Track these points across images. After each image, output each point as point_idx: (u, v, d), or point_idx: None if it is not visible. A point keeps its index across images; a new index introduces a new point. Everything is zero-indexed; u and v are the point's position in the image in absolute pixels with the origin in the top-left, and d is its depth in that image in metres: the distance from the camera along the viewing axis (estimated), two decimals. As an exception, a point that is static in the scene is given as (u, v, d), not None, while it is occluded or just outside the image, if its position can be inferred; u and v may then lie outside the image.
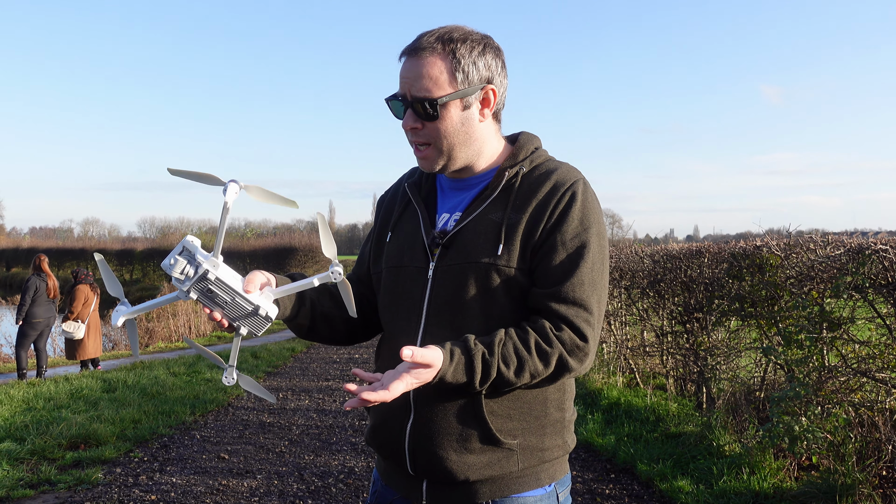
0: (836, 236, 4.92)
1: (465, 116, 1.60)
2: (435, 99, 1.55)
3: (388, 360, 1.66)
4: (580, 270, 1.54)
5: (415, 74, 1.56)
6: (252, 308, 1.42)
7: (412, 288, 1.62)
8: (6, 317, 18.91)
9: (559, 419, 1.63)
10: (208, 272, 1.36)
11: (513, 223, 1.57)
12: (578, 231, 1.56)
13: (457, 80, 1.56)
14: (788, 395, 4.34)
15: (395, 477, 1.68)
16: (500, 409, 1.55)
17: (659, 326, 7.87)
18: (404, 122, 1.59)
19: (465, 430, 1.55)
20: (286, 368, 10.98)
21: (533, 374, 1.49)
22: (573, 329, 1.51)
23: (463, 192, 1.69)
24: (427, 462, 1.57)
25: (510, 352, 1.48)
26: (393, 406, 1.58)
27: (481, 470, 1.55)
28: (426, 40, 1.57)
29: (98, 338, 11.26)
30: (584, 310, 1.53)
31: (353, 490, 5.05)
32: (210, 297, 1.40)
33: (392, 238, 1.72)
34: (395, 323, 1.66)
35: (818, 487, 4.20)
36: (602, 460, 5.65)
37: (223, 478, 5.34)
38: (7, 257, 57.01)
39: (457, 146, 1.61)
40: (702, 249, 6.82)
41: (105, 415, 7.06)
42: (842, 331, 4.54)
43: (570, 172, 1.63)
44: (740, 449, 5.09)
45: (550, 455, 1.62)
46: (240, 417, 7.42)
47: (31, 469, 5.45)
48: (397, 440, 1.61)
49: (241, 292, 1.41)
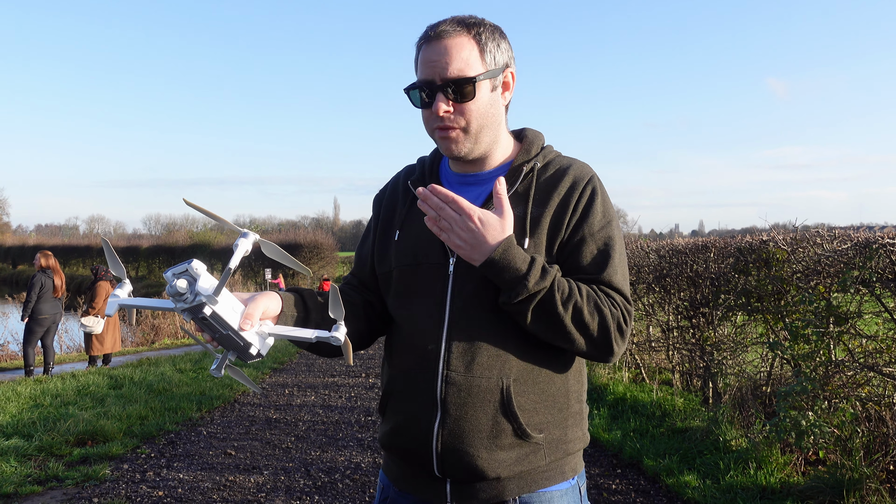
0: (842, 230, 4.91)
1: (493, 98, 1.60)
2: (472, 77, 1.54)
3: (404, 357, 1.63)
4: (613, 261, 1.57)
5: (446, 56, 1.54)
6: (243, 344, 1.39)
7: (433, 285, 1.59)
8: (13, 314, 18.99)
9: (579, 411, 1.65)
10: (204, 306, 1.31)
11: (536, 217, 1.58)
12: (603, 224, 1.59)
13: (485, 60, 1.57)
14: (795, 390, 4.33)
15: (415, 480, 1.63)
16: (527, 402, 1.55)
17: (665, 321, 7.85)
18: (435, 106, 1.55)
19: (496, 427, 1.53)
20: (292, 365, 11.00)
21: (578, 313, 1.48)
22: (619, 309, 1.55)
23: (476, 188, 1.67)
24: (457, 461, 1.54)
25: (563, 281, 1.50)
26: (417, 406, 1.57)
27: (511, 466, 1.54)
28: (448, 25, 1.56)
29: (117, 333, 11.53)
30: (623, 297, 1.57)
31: (360, 486, 5.05)
32: (202, 323, 1.36)
33: (401, 236, 1.68)
34: (416, 321, 1.61)
35: (825, 482, 4.19)
36: (608, 455, 5.64)
37: (230, 474, 5.35)
38: (13, 255, 57.30)
39: (485, 129, 1.60)
40: (708, 244, 6.80)
41: (112, 411, 7.09)
42: (849, 325, 4.52)
43: (584, 168, 1.66)
44: (747, 444, 5.08)
45: (573, 447, 1.62)
46: (246, 414, 7.43)
47: (38, 465, 5.47)
48: (424, 441, 1.56)
49: (235, 328, 1.37)
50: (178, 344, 14.97)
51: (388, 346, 1.71)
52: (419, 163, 1.80)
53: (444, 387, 1.53)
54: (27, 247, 56.69)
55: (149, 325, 17.01)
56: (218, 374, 1.45)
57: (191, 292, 1.30)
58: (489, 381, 1.53)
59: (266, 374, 9.98)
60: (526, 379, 1.55)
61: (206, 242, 46.94)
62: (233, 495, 4.87)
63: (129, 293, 1.41)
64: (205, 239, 49.18)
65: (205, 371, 9.86)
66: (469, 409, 1.53)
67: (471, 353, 1.54)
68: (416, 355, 1.58)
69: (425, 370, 1.56)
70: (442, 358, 1.55)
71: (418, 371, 1.58)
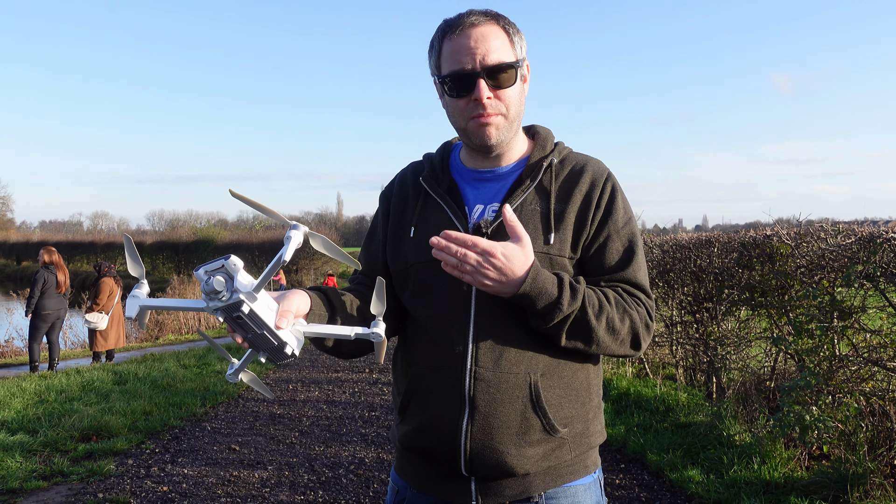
0: (846, 225, 4.89)
1: (522, 88, 1.62)
2: (513, 63, 1.55)
3: (426, 355, 1.59)
4: (636, 258, 1.60)
5: (485, 43, 1.53)
6: (278, 344, 1.33)
7: (455, 281, 1.54)
8: (17, 310, 19.03)
9: (598, 405, 1.65)
10: (243, 304, 1.25)
11: (560, 213, 1.58)
12: (626, 221, 1.62)
13: (515, 49, 1.58)
14: (799, 385, 4.32)
15: (438, 480, 1.60)
16: (553, 397, 1.54)
17: (668, 316, 7.84)
18: (477, 93, 1.52)
19: (525, 422, 1.51)
20: (295, 360, 11.00)
21: (609, 323, 1.50)
22: (644, 307, 1.58)
23: (494, 183, 1.65)
24: (486, 459, 1.51)
25: (591, 294, 1.51)
26: (443, 404, 1.54)
27: (539, 462, 1.53)
28: (476, 16, 1.57)
29: (121, 329, 11.55)
30: (645, 294, 1.61)
31: (364, 480, 5.06)
32: (236, 322, 1.31)
33: (416, 233, 1.64)
34: (439, 318, 1.57)
35: (829, 477, 4.19)
36: (612, 451, 5.64)
37: (234, 469, 5.36)
38: (17, 251, 57.41)
39: (518, 117, 1.61)
40: (711, 239, 6.79)
41: (116, 407, 7.11)
42: (853, 320, 4.51)
43: (600, 165, 1.67)
44: (751, 439, 5.07)
45: (594, 441, 1.63)
46: (250, 409, 7.45)
47: (43, 461, 5.49)
48: (451, 439, 1.52)
49: (271, 327, 1.31)
50: (182, 340, 15.00)
51: (405, 344, 1.67)
52: (426, 159, 1.76)
53: (472, 383, 1.51)
54: (31, 243, 56.77)
55: (153, 322, 17.04)
56: (234, 380, 1.41)
57: (228, 290, 1.24)
58: (517, 377, 1.51)
59: (270, 370, 9.99)
60: (552, 373, 1.54)
61: (209, 238, 46.94)
62: (237, 490, 4.88)
63: (148, 294, 1.36)
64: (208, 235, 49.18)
65: (209, 367, 9.88)
66: (498, 405, 1.51)
67: (498, 349, 1.52)
68: (442, 353, 1.55)
69: (453, 367, 1.53)
70: (470, 354, 1.52)
71: (445, 368, 1.54)
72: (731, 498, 4.29)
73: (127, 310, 1.31)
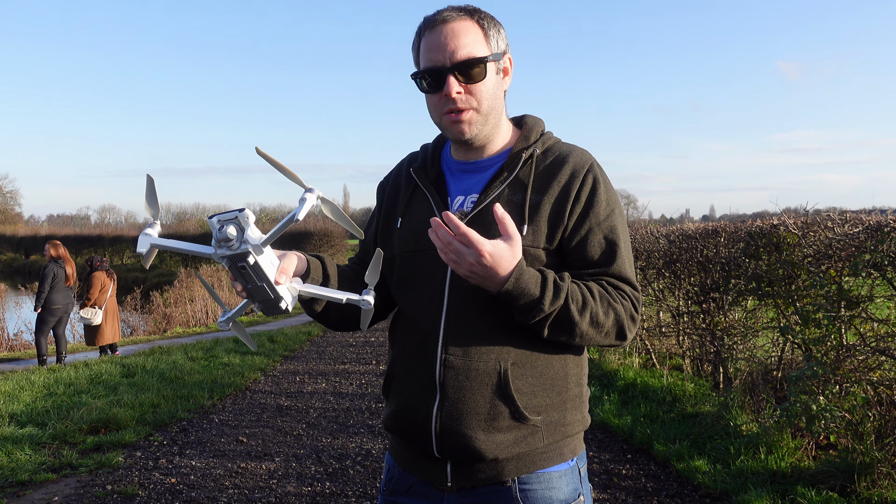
0: (854, 214, 4.86)
1: (498, 81, 1.64)
2: (483, 58, 1.57)
3: (405, 342, 1.67)
4: (620, 250, 1.61)
5: (455, 39, 1.57)
6: (274, 297, 1.42)
7: (432, 271, 1.62)
8: (26, 304, 19.13)
9: (578, 394, 1.67)
10: (249, 255, 1.33)
11: (535, 204, 1.60)
12: (608, 213, 1.62)
13: (490, 44, 1.61)
14: (806, 375, 4.31)
15: (417, 461, 1.68)
16: (525, 386, 1.57)
17: (675, 307, 7.83)
18: (446, 88, 1.57)
19: (493, 409, 1.56)
20: (303, 352, 11.05)
21: (594, 318, 1.52)
22: (629, 300, 1.59)
23: (475, 175, 1.69)
24: (455, 443, 1.57)
25: (575, 289, 1.52)
26: (417, 389, 1.61)
27: (509, 448, 1.57)
28: (450, 11, 1.60)
29: (116, 323, 11.40)
30: (631, 286, 1.61)
31: (371, 472, 5.08)
32: (239, 272, 1.38)
33: (403, 223, 1.71)
34: (417, 306, 1.65)
35: (836, 466, 4.18)
36: (619, 441, 5.65)
37: (242, 461, 5.39)
38: (26, 245, 57.61)
39: (493, 111, 1.63)
40: (718, 229, 6.76)
41: (125, 399, 7.15)
42: (860, 309, 4.49)
43: (584, 155, 1.67)
44: (757, 429, 5.07)
45: (572, 430, 1.65)
46: (257, 401, 7.48)
47: (52, 453, 5.53)
48: (423, 423, 1.60)
49: (271, 281, 1.40)
50: (190, 332, 15.04)
51: (392, 331, 1.75)
52: (422, 150, 1.81)
53: (442, 370, 1.57)
54: (39, 237, 56.92)
55: (160, 314, 17.10)
56: (224, 327, 1.50)
57: (238, 240, 1.32)
58: (487, 365, 1.56)
59: (277, 362, 10.03)
60: (524, 363, 1.58)
61: (216, 231, 46.93)
62: (245, 482, 4.91)
63: (160, 234, 1.43)
64: (215, 227, 49.17)
65: (216, 359, 9.91)
66: (467, 392, 1.56)
67: (469, 338, 1.57)
68: (417, 340, 1.63)
69: (424, 354, 1.60)
70: (440, 342, 1.58)
71: (418, 355, 1.62)
72: (738, 488, 4.29)
73: (138, 245, 1.37)
